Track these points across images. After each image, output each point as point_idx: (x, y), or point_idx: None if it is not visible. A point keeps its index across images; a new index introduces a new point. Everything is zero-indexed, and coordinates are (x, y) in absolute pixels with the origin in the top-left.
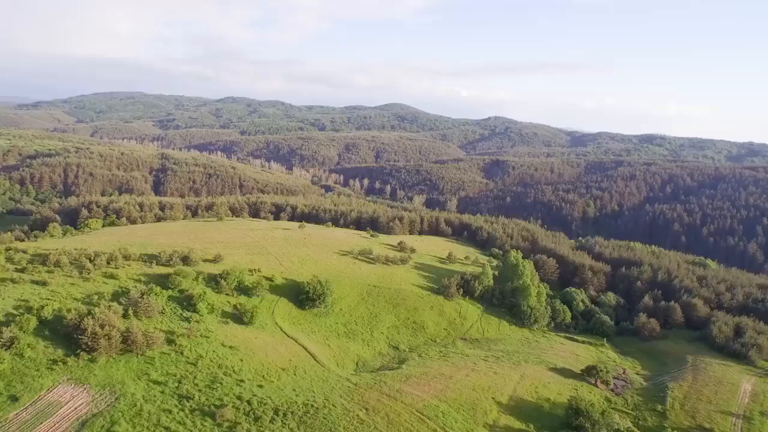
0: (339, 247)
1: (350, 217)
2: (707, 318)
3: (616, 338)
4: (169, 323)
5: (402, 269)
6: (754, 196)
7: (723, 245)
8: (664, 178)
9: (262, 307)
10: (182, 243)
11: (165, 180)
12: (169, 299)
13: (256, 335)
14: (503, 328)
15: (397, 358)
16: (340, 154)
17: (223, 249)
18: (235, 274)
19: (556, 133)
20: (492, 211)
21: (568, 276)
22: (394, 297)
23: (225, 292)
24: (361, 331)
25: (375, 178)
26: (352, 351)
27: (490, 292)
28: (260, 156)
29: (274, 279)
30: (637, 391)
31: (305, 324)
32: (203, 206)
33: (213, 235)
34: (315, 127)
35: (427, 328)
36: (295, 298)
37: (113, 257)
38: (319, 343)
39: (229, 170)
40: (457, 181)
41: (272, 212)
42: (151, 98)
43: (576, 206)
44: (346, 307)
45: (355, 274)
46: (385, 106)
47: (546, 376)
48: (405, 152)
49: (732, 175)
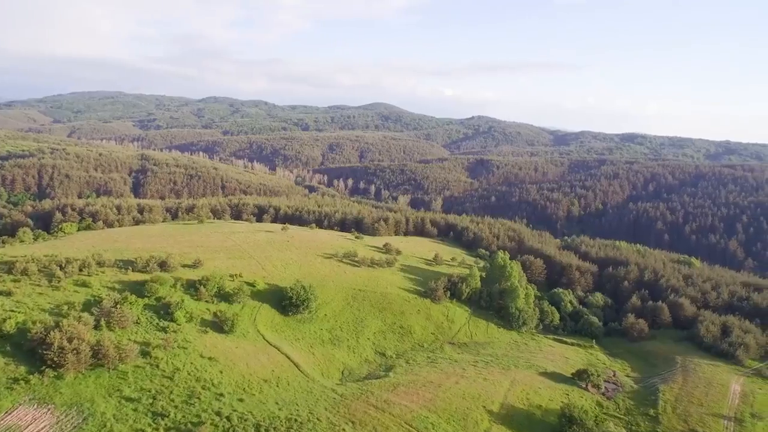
0: (323, 250)
1: (334, 219)
2: (694, 317)
3: (605, 339)
4: (144, 334)
5: (388, 272)
6: (733, 194)
7: (705, 243)
8: (646, 177)
9: (243, 315)
10: (160, 247)
11: (145, 181)
12: (145, 308)
13: (237, 344)
14: (491, 331)
15: (383, 365)
16: (323, 154)
17: (203, 253)
18: (215, 280)
19: (539, 133)
20: (477, 211)
21: (555, 276)
22: (380, 301)
23: (204, 299)
24: (347, 337)
25: (359, 178)
26: (337, 359)
27: (477, 294)
28: (243, 156)
29: (256, 284)
30: (628, 395)
31: (288, 331)
32: (184, 208)
33: (193, 238)
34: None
35: (414, 333)
36: (278, 304)
37: (86, 264)
38: (303, 351)
39: (211, 171)
40: (441, 180)
41: (255, 214)
42: (131, 98)
43: (561, 205)
44: (330, 312)
45: (339, 278)
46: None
47: (537, 381)
48: (389, 152)
49: (712, 173)
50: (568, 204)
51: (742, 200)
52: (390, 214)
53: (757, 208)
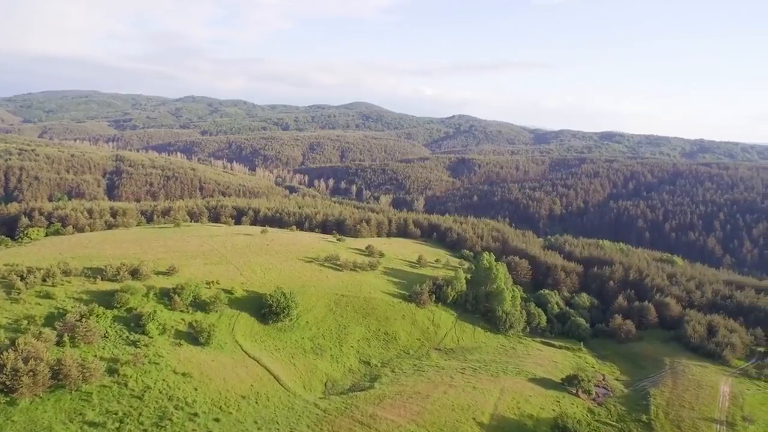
0: (304, 254)
1: (315, 220)
2: (680, 317)
3: (592, 341)
4: (112, 349)
5: (371, 276)
6: (710, 191)
7: (685, 240)
8: (626, 175)
9: (220, 324)
10: (133, 254)
11: (120, 183)
12: (115, 320)
13: (214, 357)
14: (478, 335)
15: (368, 374)
16: (304, 153)
17: (178, 259)
18: (191, 288)
19: (519, 131)
20: (460, 211)
21: (540, 277)
22: (364, 306)
23: (179, 308)
24: (330, 345)
25: (340, 178)
26: (320, 369)
27: (463, 298)
28: (222, 157)
29: (234, 291)
30: (619, 400)
31: (269, 341)
32: (159, 211)
33: (168, 243)
34: (278, 127)
35: (399, 339)
36: (257, 312)
37: (50, 273)
38: (283, 362)
39: (189, 172)
40: (423, 180)
41: (233, 216)
42: (106, 97)
43: (543, 204)
44: (312, 319)
45: (321, 283)
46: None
47: (527, 388)
48: (370, 151)
49: (689, 171)
50: (550, 203)
51: (719, 198)
52: (372, 215)
53: (733, 206)
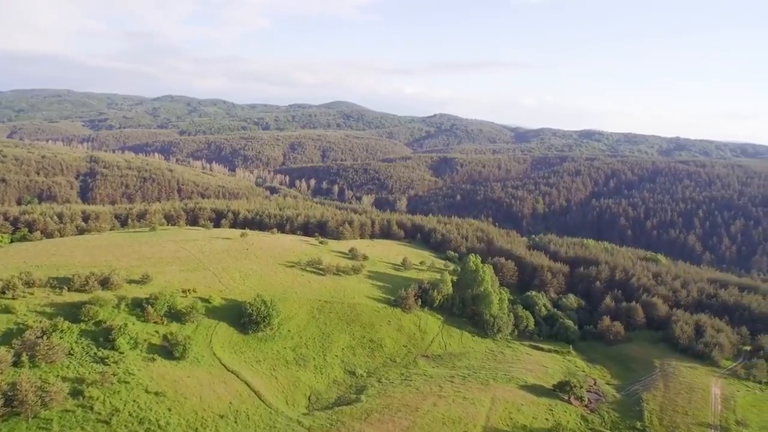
0: (285, 258)
1: (297, 222)
2: (667, 317)
3: (581, 343)
4: (77, 368)
5: (355, 280)
6: (689, 189)
7: (666, 238)
8: (607, 173)
9: (197, 336)
10: (104, 261)
11: (94, 185)
12: (82, 335)
13: (190, 373)
14: (466, 340)
15: (354, 386)
16: (285, 153)
17: (153, 266)
18: (165, 298)
19: (500, 130)
20: (443, 210)
21: (526, 278)
22: (348, 313)
23: (153, 319)
24: (313, 355)
25: (322, 178)
26: (303, 382)
27: (449, 301)
28: (201, 157)
29: (211, 300)
30: (612, 406)
31: (249, 352)
32: (134, 215)
33: (143, 249)
34: (258, 127)
35: (385, 347)
36: (237, 322)
37: (11, 285)
38: (264, 375)
39: (166, 173)
40: (406, 179)
41: (212, 219)
42: (80, 96)
43: (526, 203)
44: (294, 328)
45: (303, 289)
46: (330, 104)
47: (518, 396)
48: (352, 151)
49: (668, 169)
50: (533, 202)
51: (698, 195)
52: (355, 217)
53: (711, 203)
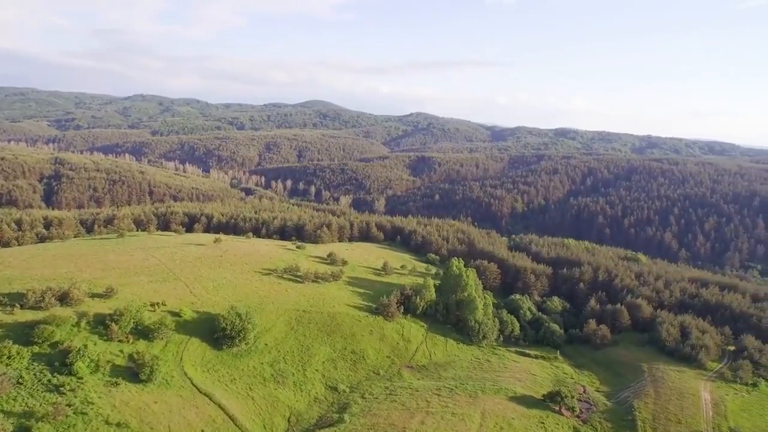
0: (261, 265)
1: (273, 226)
2: (652, 318)
3: (567, 347)
4: (27, 400)
5: (334, 287)
6: (663, 186)
7: (643, 236)
8: (584, 171)
9: (166, 354)
10: (65, 273)
11: (59, 189)
12: (34, 360)
13: (157, 397)
14: (451, 348)
15: (336, 403)
16: (260, 154)
17: (119, 277)
18: (132, 313)
19: (476, 128)
20: (421, 210)
21: (509, 281)
22: (328, 323)
23: (117, 338)
24: (292, 371)
25: (298, 178)
26: (281, 401)
27: (433, 308)
28: (174, 158)
29: (182, 314)
30: (604, 415)
31: (223, 369)
32: (101, 220)
33: (108, 258)
34: (233, 126)
35: (367, 358)
36: (210, 337)
37: None
38: (240, 395)
39: (137, 175)
40: (383, 179)
41: (184, 224)
42: (46, 95)
43: (504, 202)
44: (272, 341)
45: (281, 298)
46: (306, 103)
47: (508, 409)
48: (328, 150)
49: (642, 167)
50: (512, 201)
51: (672, 193)
52: (333, 219)
53: (685, 201)
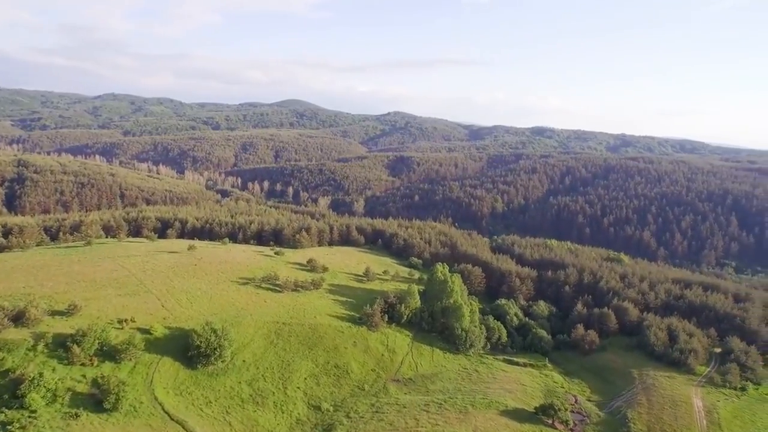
0: (238, 273)
1: (250, 231)
2: (639, 321)
3: (555, 353)
4: None
5: (315, 296)
6: (641, 185)
7: (623, 235)
8: (562, 170)
9: (135, 378)
10: (22, 288)
11: (23, 193)
12: None
13: (123, 429)
14: (437, 358)
15: (320, 424)
16: (236, 154)
17: (83, 291)
18: (96, 333)
19: (454, 127)
20: (401, 211)
21: (494, 284)
22: (310, 335)
23: (80, 361)
24: (272, 389)
25: (275, 179)
26: (261, 425)
27: (418, 316)
28: (147, 159)
29: (153, 330)
30: (597, 428)
31: (197, 392)
32: (67, 226)
33: (73, 269)
34: (208, 126)
35: (351, 372)
36: (183, 355)
37: None
38: (216, 420)
39: (107, 178)
40: (362, 180)
41: (157, 230)
42: (9, 93)
43: (484, 202)
44: (250, 357)
45: (259, 310)
46: (282, 102)
47: (500, 425)
48: (306, 150)
49: (619, 165)
50: (492, 201)
51: (649, 191)
52: (312, 222)
53: (662, 199)
